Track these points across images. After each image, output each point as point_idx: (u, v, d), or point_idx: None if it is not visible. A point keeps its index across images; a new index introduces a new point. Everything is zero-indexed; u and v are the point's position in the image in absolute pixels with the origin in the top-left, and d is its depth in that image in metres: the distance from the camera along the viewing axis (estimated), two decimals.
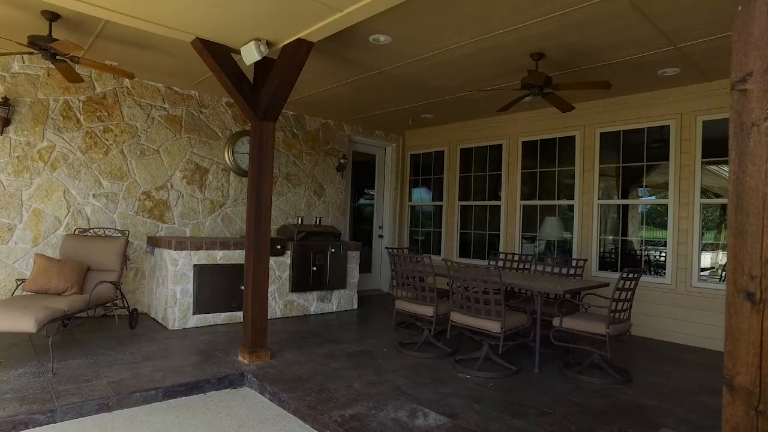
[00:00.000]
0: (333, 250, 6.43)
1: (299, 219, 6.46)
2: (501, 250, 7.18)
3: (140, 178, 5.80)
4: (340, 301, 6.61)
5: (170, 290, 5.12)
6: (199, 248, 5.29)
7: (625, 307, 4.15)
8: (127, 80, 5.68)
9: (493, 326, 4.08)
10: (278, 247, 5.93)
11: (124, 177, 5.70)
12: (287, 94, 4.13)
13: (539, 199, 6.89)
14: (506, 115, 7.08)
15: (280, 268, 5.98)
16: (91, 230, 5.34)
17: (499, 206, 7.29)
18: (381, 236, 8.65)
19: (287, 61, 3.96)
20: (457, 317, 4.36)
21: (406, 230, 8.78)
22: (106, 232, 5.40)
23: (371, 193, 8.72)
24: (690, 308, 5.36)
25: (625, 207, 6.31)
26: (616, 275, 5.94)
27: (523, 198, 7.05)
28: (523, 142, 7.02)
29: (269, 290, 5.64)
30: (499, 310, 4.06)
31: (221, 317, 5.47)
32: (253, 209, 4.17)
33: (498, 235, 7.32)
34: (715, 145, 5.33)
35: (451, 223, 7.94)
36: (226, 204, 6.52)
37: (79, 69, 5.26)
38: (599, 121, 6.16)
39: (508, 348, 4.39)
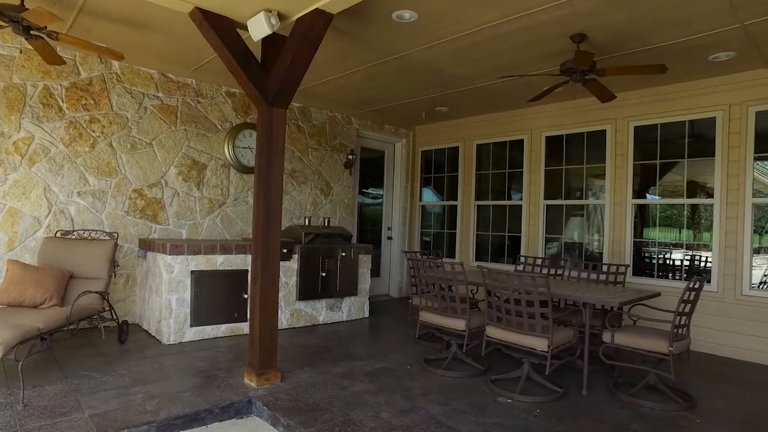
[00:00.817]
0: (343, 254, 5.88)
1: (306, 220, 5.91)
2: (522, 252, 6.66)
3: (131, 174, 5.23)
4: (351, 309, 6.06)
5: (165, 300, 4.56)
6: (197, 252, 4.72)
7: (686, 322, 3.64)
8: (117, 65, 5.10)
9: (539, 343, 3.55)
10: (285, 250, 5.37)
11: (113, 173, 5.12)
12: (301, 76, 3.58)
13: (564, 199, 6.38)
14: (528, 108, 6.58)
15: (286, 274, 5.42)
16: (75, 232, 4.76)
17: (520, 206, 6.77)
18: (390, 238, 8.10)
19: (302, 37, 3.41)
20: (494, 332, 3.83)
21: (416, 231, 8.24)
22: (93, 234, 4.82)
23: (374, 192, 8.17)
24: (741, 319, 4.86)
25: (656, 207, 5.80)
26: (653, 282, 5.44)
27: (547, 197, 6.53)
28: (546, 137, 6.51)
29: None
30: (546, 325, 3.53)
31: (222, 329, 4.90)
32: (261, 209, 3.62)
33: (519, 237, 6.80)
34: None
35: (467, 224, 7.41)
36: (226, 203, 5.96)
37: (60, 51, 4.68)
38: (633, 114, 5.65)
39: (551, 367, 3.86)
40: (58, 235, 4.67)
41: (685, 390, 3.78)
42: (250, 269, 3.70)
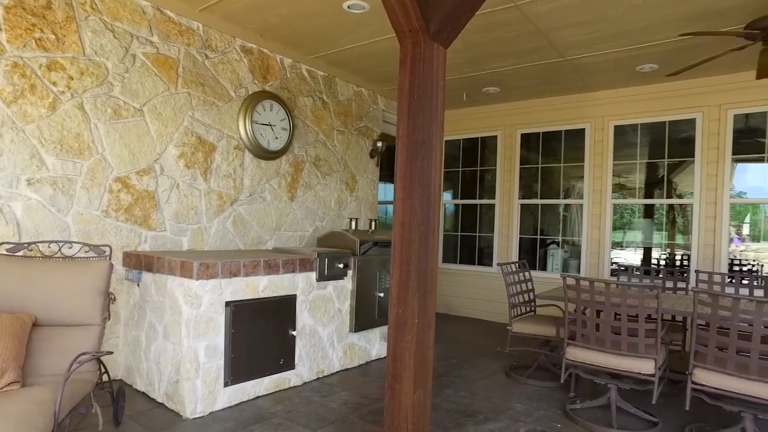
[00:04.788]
0: None
1: (353, 223, 4.43)
2: (583, 258, 5.69)
3: (112, 155, 3.46)
4: None
5: (187, 350, 2.91)
6: (235, 274, 3.12)
7: None
8: None
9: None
10: (341, 265, 3.88)
11: (85, 151, 3.32)
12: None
13: (644, 197, 5.49)
14: (591, 93, 5.60)
15: (340, 297, 3.93)
16: (28, 245, 2.92)
17: (582, 205, 5.78)
18: None
19: None
20: (713, 378, 2.71)
21: (438, 233, 6.97)
22: (63, 248, 3.01)
23: (387, 187, 6.82)
24: None
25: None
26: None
27: (615, 197, 5.61)
28: (615, 126, 5.57)
29: (325, 333, 3.64)
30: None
31: (265, 384, 3.33)
32: (412, 217, 2.22)
33: (579, 241, 5.81)
34: None
35: (507, 225, 6.30)
36: (239, 199, 4.31)
37: None
38: (733, 101, 4.86)
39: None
40: (2, 251, 2.83)
41: None
42: (391, 311, 2.26)
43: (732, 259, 4.98)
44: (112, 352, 2.39)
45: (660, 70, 4.71)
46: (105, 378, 2.67)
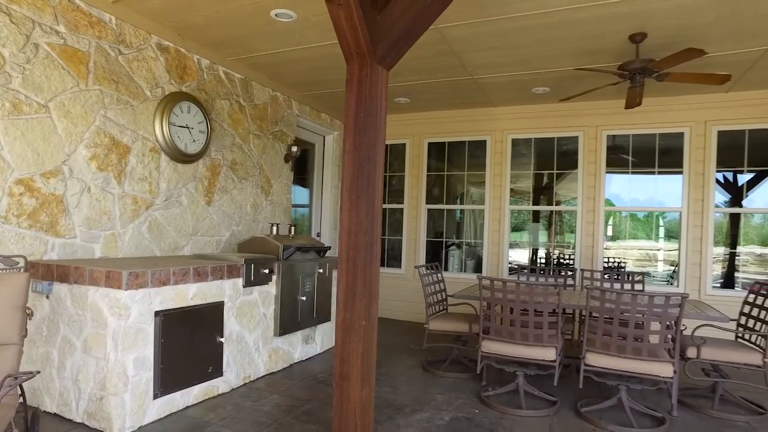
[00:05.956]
0: (321, 271, 4.61)
1: (274, 228, 4.45)
2: (485, 258, 6.26)
3: (12, 155, 3.15)
4: (324, 338, 4.81)
5: (113, 363, 2.78)
6: (165, 283, 3.03)
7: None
8: None
9: (661, 369, 3.09)
10: (266, 271, 3.90)
11: None
12: (428, 25, 2.43)
13: (534, 204, 6.17)
14: (493, 108, 6.19)
15: (265, 302, 3.96)
16: None
17: (483, 210, 6.34)
18: None
19: None
20: (600, 359, 3.24)
21: (380, 242, 7.16)
22: None
23: (299, 191, 6.87)
24: None
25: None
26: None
27: (512, 202, 6.24)
28: (513, 139, 6.21)
29: (251, 339, 3.69)
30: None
31: (194, 393, 3.27)
32: (358, 226, 2.37)
33: (480, 243, 6.37)
34: None
35: (415, 229, 6.69)
36: (156, 204, 4.12)
37: None
38: (607, 123, 5.70)
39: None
40: None
41: None
42: (339, 315, 2.39)
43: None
44: (39, 372, 2.23)
45: (552, 93, 5.38)
46: (20, 401, 2.46)
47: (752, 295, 3.67)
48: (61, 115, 3.40)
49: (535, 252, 7.13)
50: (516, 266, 6.26)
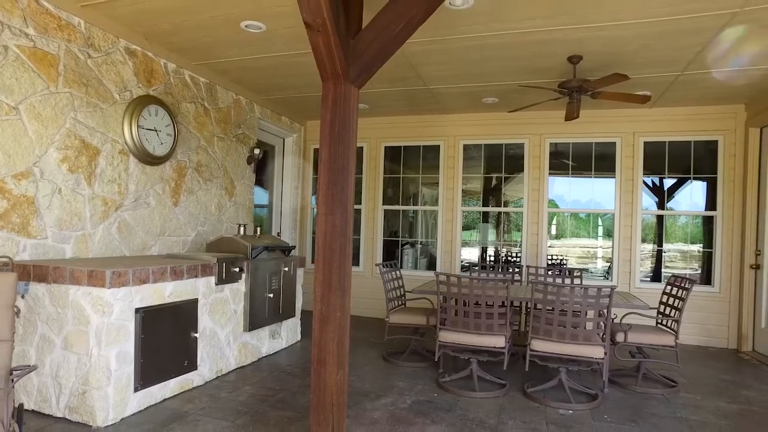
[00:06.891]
0: (286, 269, 4.83)
1: (242, 228, 4.62)
2: (439, 256, 6.66)
3: None
4: (289, 333, 5.04)
5: (97, 359, 2.91)
6: (144, 281, 3.18)
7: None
8: None
9: (594, 352, 3.57)
10: (236, 269, 4.09)
11: None
12: (398, 46, 2.74)
13: (484, 205, 6.64)
14: (446, 115, 6.60)
15: (235, 299, 4.14)
16: None
17: (437, 211, 6.74)
18: None
19: None
20: (543, 345, 3.68)
21: (307, 237, 7.40)
22: None
23: (259, 191, 7.02)
24: None
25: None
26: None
27: (464, 203, 6.68)
28: (464, 144, 6.65)
29: (223, 334, 3.89)
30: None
31: (171, 386, 3.43)
32: (334, 222, 2.65)
33: (434, 242, 6.77)
34: None
35: (372, 229, 7.01)
36: (125, 205, 4.20)
37: None
38: (550, 132, 6.25)
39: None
40: None
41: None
42: (316, 307, 2.64)
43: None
44: (37, 366, 2.36)
45: (500, 103, 5.84)
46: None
47: (669, 287, 4.24)
48: (31, 117, 3.45)
49: (484, 250, 7.63)
50: (467, 264, 6.71)
